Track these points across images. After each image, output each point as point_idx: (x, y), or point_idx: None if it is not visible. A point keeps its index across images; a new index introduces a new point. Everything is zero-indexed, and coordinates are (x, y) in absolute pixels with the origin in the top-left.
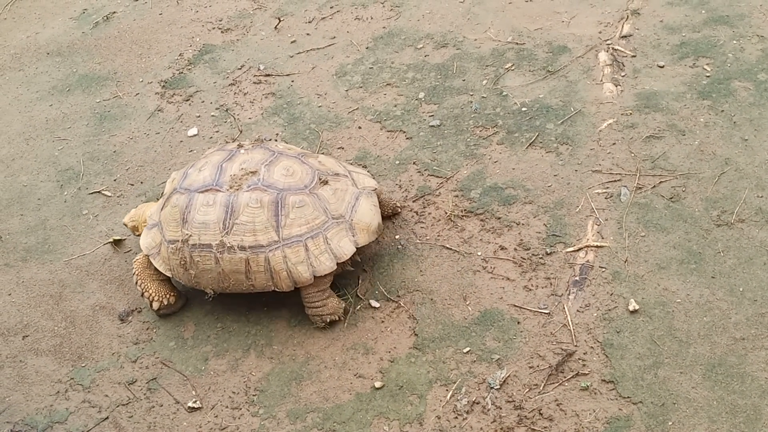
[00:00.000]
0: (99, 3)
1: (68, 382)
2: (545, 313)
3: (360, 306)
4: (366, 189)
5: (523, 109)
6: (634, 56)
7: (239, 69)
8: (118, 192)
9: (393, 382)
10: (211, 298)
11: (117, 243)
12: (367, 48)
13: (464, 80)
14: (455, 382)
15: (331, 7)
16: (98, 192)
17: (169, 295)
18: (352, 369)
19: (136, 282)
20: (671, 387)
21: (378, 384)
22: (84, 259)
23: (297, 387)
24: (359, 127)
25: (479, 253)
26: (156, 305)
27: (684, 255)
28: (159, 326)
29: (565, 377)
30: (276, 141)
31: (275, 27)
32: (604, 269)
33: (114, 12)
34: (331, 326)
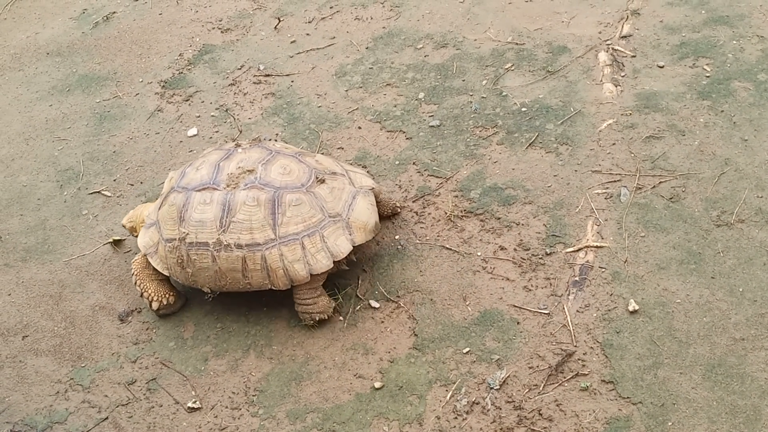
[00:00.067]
0: (99, 3)
1: (68, 383)
2: (545, 313)
3: (360, 306)
4: (363, 188)
5: (523, 109)
6: (634, 56)
7: (239, 69)
8: (118, 192)
9: (393, 382)
10: (210, 298)
11: (117, 243)
12: (366, 48)
13: (464, 80)
14: (455, 383)
15: (330, 8)
16: (98, 192)
17: (168, 295)
18: (351, 369)
19: (135, 282)
20: (671, 387)
21: (378, 384)
22: (84, 259)
23: (297, 387)
24: (359, 128)
25: (479, 254)
26: (155, 305)
27: (684, 255)
28: (159, 326)
29: (565, 377)
30: (275, 141)
31: (275, 27)
32: (603, 269)
33: (114, 12)
34: (320, 325)
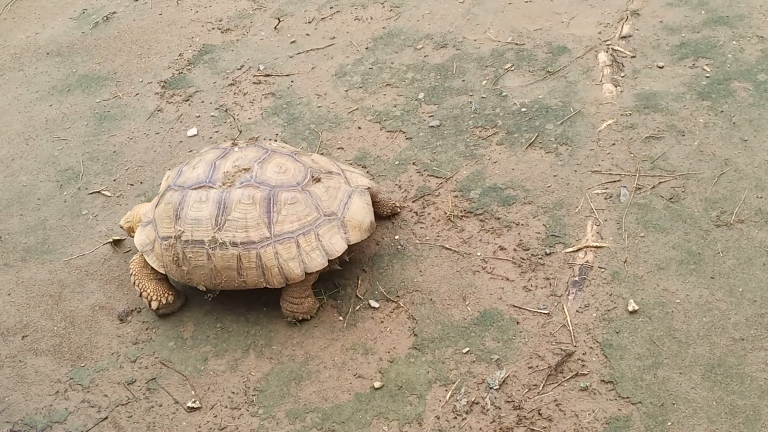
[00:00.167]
0: (99, 3)
1: (67, 382)
2: (544, 313)
3: (359, 306)
4: (359, 187)
5: (523, 109)
6: (634, 57)
7: (239, 69)
8: (118, 192)
9: (392, 382)
10: (210, 298)
11: (116, 243)
12: (366, 48)
13: (464, 81)
14: (454, 383)
15: (330, 8)
16: (98, 192)
17: (167, 294)
18: (351, 369)
19: (134, 282)
20: (670, 387)
21: (377, 384)
22: (83, 259)
23: (296, 387)
24: (359, 128)
25: (479, 254)
26: (155, 304)
27: (683, 255)
28: (158, 326)
29: (565, 377)
30: (275, 141)
31: (275, 27)
32: (603, 270)
33: (114, 12)
34: (300, 324)
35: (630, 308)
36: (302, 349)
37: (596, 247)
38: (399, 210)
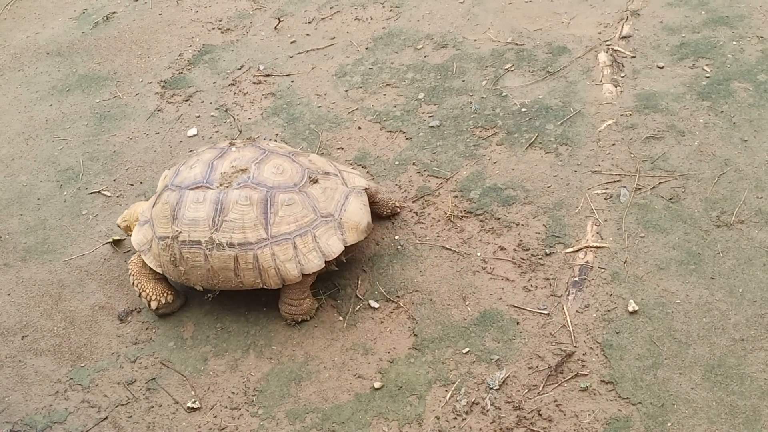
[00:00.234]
0: (99, 3)
1: (67, 382)
2: (544, 313)
3: (359, 306)
4: (356, 188)
5: (523, 109)
6: (634, 57)
7: (239, 69)
8: (118, 192)
9: (392, 382)
10: (210, 298)
11: (116, 243)
12: (366, 48)
13: (464, 81)
14: (454, 383)
15: (330, 8)
16: (98, 192)
17: (166, 294)
18: (351, 369)
19: (133, 282)
20: (670, 388)
21: (377, 384)
22: (83, 259)
23: (296, 387)
24: (359, 128)
25: (479, 254)
26: (154, 304)
27: (683, 256)
28: (158, 326)
29: (565, 378)
30: (275, 141)
31: (275, 27)
32: (603, 270)
33: (114, 12)
34: (300, 324)
35: (630, 308)
36: (302, 349)
37: (596, 247)
38: (399, 210)
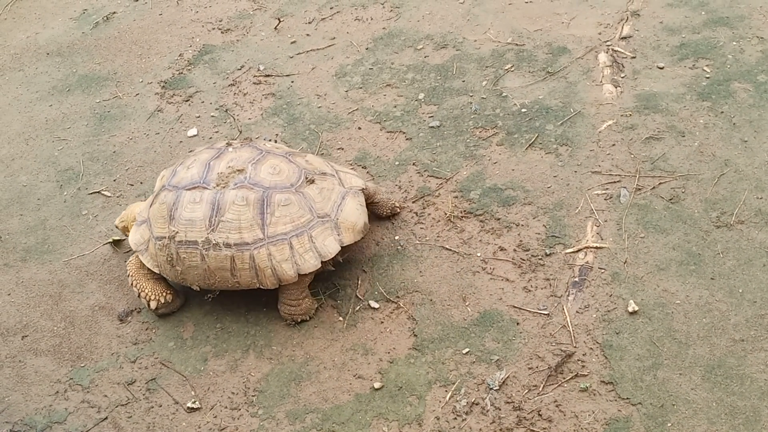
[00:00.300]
0: (99, 3)
1: (67, 383)
2: (544, 314)
3: (359, 307)
4: (353, 188)
5: (523, 110)
6: (634, 57)
7: (239, 69)
8: (118, 192)
9: (392, 382)
10: (210, 298)
11: (116, 243)
12: (366, 49)
13: (464, 81)
14: (454, 383)
15: (330, 8)
16: (98, 192)
17: (165, 293)
18: (351, 370)
19: (131, 283)
20: (670, 388)
21: (377, 385)
22: (83, 259)
23: (296, 387)
24: (359, 128)
25: (479, 254)
26: (153, 304)
27: (683, 256)
28: (158, 326)
29: (565, 378)
30: (275, 141)
31: (275, 27)
32: (603, 270)
33: (114, 12)
34: (300, 324)
35: (630, 309)
36: (302, 349)
37: (596, 247)
38: (399, 210)
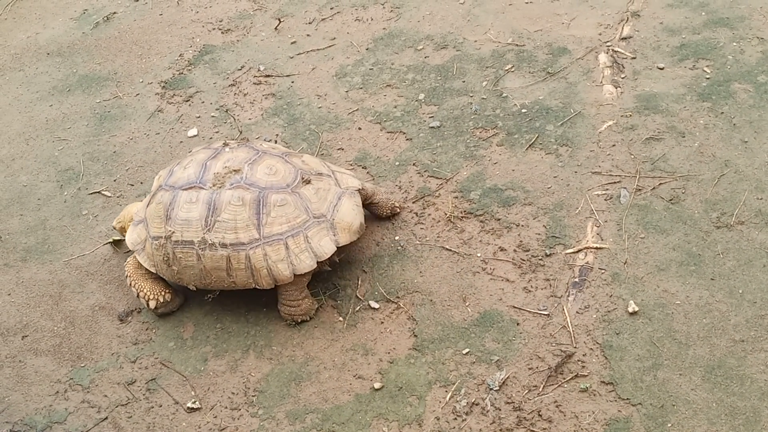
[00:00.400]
0: (99, 3)
1: (67, 383)
2: (544, 314)
3: (359, 307)
4: (349, 189)
5: (523, 110)
6: (634, 58)
7: (239, 70)
8: (118, 192)
9: (392, 383)
10: (210, 298)
11: (117, 243)
12: (367, 49)
13: (464, 81)
14: (454, 384)
15: (331, 8)
16: (98, 192)
17: (164, 293)
18: (351, 370)
19: (130, 283)
20: (670, 389)
21: (377, 385)
22: (84, 259)
23: (296, 388)
24: (359, 128)
25: (479, 255)
26: (153, 304)
27: (683, 257)
28: (158, 327)
29: (565, 379)
30: (274, 141)
31: (275, 28)
32: (603, 271)
33: (114, 12)
34: (300, 324)
35: (630, 309)
36: (302, 349)
37: (596, 248)
38: (399, 211)
